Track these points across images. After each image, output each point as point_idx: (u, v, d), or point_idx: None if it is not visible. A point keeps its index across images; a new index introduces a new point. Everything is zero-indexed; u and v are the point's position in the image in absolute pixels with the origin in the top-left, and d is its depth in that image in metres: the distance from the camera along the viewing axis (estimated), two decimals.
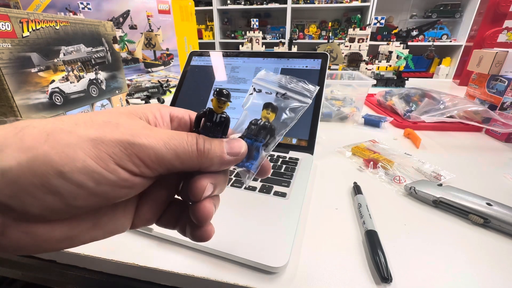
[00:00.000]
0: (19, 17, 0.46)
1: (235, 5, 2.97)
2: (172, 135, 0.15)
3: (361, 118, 0.67)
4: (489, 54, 0.61)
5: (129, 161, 0.14)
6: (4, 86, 0.46)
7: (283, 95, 0.19)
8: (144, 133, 0.15)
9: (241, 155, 0.17)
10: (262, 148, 0.18)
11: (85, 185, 0.13)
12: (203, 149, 0.16)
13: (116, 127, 0.14)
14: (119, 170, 0.14)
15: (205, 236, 0.18)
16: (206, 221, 0.17)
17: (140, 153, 0.14)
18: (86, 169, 0.13)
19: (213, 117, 0.17)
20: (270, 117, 0.18)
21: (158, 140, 0.15)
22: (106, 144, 0.13)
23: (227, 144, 0.17)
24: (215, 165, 0.17)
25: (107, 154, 0.13)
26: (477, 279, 0.25)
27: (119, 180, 0.14)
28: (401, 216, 0.33)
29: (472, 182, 0.40)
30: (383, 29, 2.53)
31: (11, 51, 0.45)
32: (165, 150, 0.15)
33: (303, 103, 0.19)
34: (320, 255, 0.27)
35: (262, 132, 0.18)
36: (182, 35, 1.07)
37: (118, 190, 0.14)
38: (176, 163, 0.15)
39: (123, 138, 0.14)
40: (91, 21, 0.63)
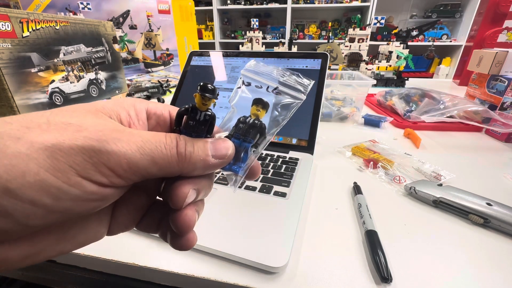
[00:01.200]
0: (19, 17, 0.46)
1: (235, 5, 2.97)
2: (148, 137, 0.13)
3: (361, 118, 0.67)
4: (489, 54, 0.61)
5: (95, 172, 0.12)
6: (4, 86, 0.46)
7: (275, 90, 0.17)
8: (113, 136, 0.12)
9: (228, 157, 0.15)
10: (251, 149, 0.16)
11: (40, 203, 0.11)
12: (184, 152, 0.14)
13: (78, 131, 0.12)
14: (83, 183, 0.11)
15: (185, 245, 0.16)
16: (187, 231, 0.15)
17: (109, 162, 0.12)
18: (40, 183, 0.10)
19: (196, 114, 0.15)
20: (260, 114, 0.17)
21: (130, 145, 0.12)
22: (66, 152, 0.11)
23: (212, 145, 0.15)
24: (199, 170, 0.15)
25: (67, 164, 0.11)
26: (477, 279, 0.25)
27: (84, 194, 0.12)
28: (401, 216, 0.33)
29: (472, 182, 0.40)
30: (383, 29, 2.53)
31: (11, 51, 0.45)
32: (139, 156, 0.12)
33: (297, 99, 0.17)
34: (320, 255, 0.27)
35: (251, 131, 0.16)
36: (182, 35, 1.07)
37: (85, 204, 0.12)
38: (153, 170, 0.13)
39: (86, 145, 0.11)
40: (91, 21, 0.63)
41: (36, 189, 0.10)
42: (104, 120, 0.14)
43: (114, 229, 0.16)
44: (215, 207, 0.31)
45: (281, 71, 0.18)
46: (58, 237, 0.13)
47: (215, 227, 0.28)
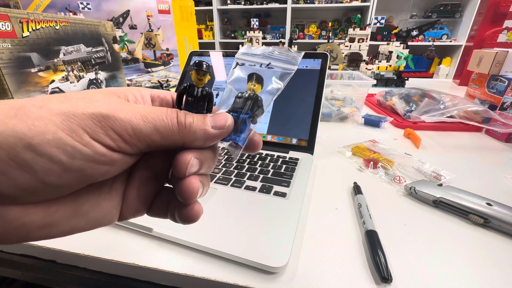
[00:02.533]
0: (19, 17, 0.46)
1: (235, 5, 2.97)
2: (151, 109, 0.15)
3: (361, 118, 0.67)
4: (489, 54, 0.61)
5: (104, 135, 0.13)
6: (4, 86, 0.46)
7: (268, 66, 0.18)
8: (120, 107, 0.14)
9: (227, 128, 0.16)
10: (249, 120, 0.18)
11: (57, 159, 0.12)
12: (184, 122, 0.15)
13: (90, 102, 0.13)
14: (94, 144, 0.13)
15: (191, 215, 0.17)
16: (191, 198, 0.16)
17: (116, 127, 0.13)
18: (57, 141, 0.12)
19: (194, 90, 0.16)
20: (256, 88, 0.18)
21: (135, 114, 0.14)
22: (79, 117, 0.13)
23: (212, 117, 0.16)
24: (200, 140, 0.16)
25: (80, 126, 0.13)
26: (477, 279, 0.25)
27: (95, 155, 0.13)
28: (401, 216, 0.33)
29: (472, 182, 0.40)
30: (383, 29, 2.53)
31: (11, 51, 0.45)
32: (143, 123, 0.14)
33: (289, 70, 0.18)
34: (320, 255, 0.27)
35: (248, 103, 0.17)
36: (182, 35, 1.07)
37: (96, 167, 0.13)
38: (156, 137, 0.14)
39: (96, 111, 0.13)
40: (91, 21, 0.63)
41: (54, 146, 0.12)
42: (113, 97, 0.15)
43: (125, 213, 0.17)
44: (215, 207, 0.31)
45: (272, 49, 0.19)
46: (72, 211, 0.14)
47: (215, 227, 0.28)
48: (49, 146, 0.12)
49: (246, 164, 0.41)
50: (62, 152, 0.12)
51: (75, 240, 0.29)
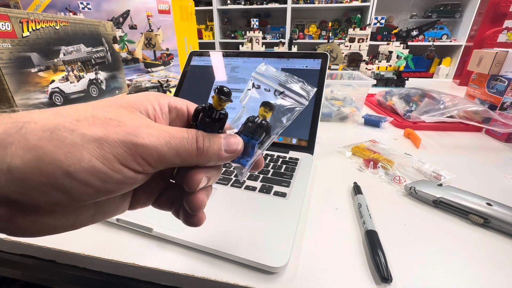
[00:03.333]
0: (19, 17, 0.46)
1: (235, 5, 2.97)
2: (173, 133, 0.16)
3: (361, 118, 0.67)
4: (489, 54, 0.61)
5: (133, 161, 0.14)
6: (4, 86, 0.46)
7: (282, 94, 0.19)
8: (146, 132, 0.15)
9: (238, 152, 0.18)
10: (257, 146, 0.19)
11: (92, 184, 0.13)
12: (203, 147, 0.17)
13: (119, 126, 0.14)
14: (124, 170, 0.14)
15: (197, 222, 0.19)
16: (199, 210, 0.18)
17: (143, 154, 0.15)
18: (92, 169, 0.13)
19: (212, 113, 0.17)
20: (267, 115, 0.19)
21: (160, 140, 0.15)
22: (111, 144, 0.14)
23: (225, 140, 0.18)
24: (213, 161, 0.18)
25: (112, 154, 0.14)
26: (477, 279, 0.25)
27: (124, 179, 0.14)
28: (401, 216, 0.33)
29: (472, 182, 0.40)
30: (383, 29, 2.53)
31: (11, 51, 0.45)
32: (167, 149, 0.15)
33: (300, 104, 0.19)
34: (320, 255, 0.27)
35: (258, 130, 0.19)
36: (182, 35, 1.07)
37: (123, 187, 0.15)
38: (176, 160, 0.16)
39: (127, 139, 0.14)
40: (91, 21, 0.63)
41: (89, 173, 0.13)
42: (137, 116, 0.16)
43: (134, 205, 0.19)
44: (215, 207, 0.31)
45: (289, 76, 0.20)
46: (94, 211, 0.16)
47: (215, 227, 0.28)
48: (85, 173, 0.13)
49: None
50: (96, 178, 0.13)
51: (75, 240, 0.29)
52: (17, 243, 0.29)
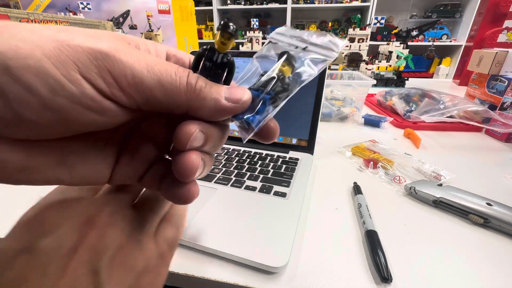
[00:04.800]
0: (19, 17, 0.46)
1: (235, 5, 2.97)
2: (160, 61, 0.13)
3: (361, 118, 0.67)
4: (489, 54, 0.61)
5: (97, 75, 0.11)
6: None
7: (304, 49, 0.16)
8: (125, 49, 0.12)
9: (242, 103, 0.14)
10: (269, 102, 0.15)
11: (36, 90, 0.10)
12: (195, 84, 0.13)
13: (92, 37, 0.12)
14: (83, 82, 0.11)
15: (185, 195, 0.15)
16: (189, 175, 0.14)
17: (114, 69, 0.11)
18: (39, 69, 0.10)
19: (214, 55, 0.14)
20: (285, 70, 0.15)
21: (140, 61, 0.12)
22: (73, 48, 0.11)
23: (227, 88, 0.14)
24: (208, 109, 0.14)
25: (71, 59, 0.11)
26: (477, 279, 0.25)
27: (82, 96, 0.11)
28: (401, 216, 0.33)
29: (472, 182, 0.40)
30: (383, 29, 2.52)
31: None
32: (146, 73, 0.12)
33: (326, 56, 0.16)
34: (320, 255, 0.27)
35: (272, 82, 0.15)
36: (182, 35, 1.07)
37: (81, 111, 0.11)
38: (158, 92, 0.12)
39: (95, 46, 0.11)
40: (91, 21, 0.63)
41: (34, 73, 0.10)
42: (122, 42, 0.13)
43: (116, 176, 0.15)
44: (215, 207, 0.31)
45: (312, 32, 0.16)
46: (57, 159, 0.13)
47: (215, 227, 0.28)
48: (28, 73, 0.10)
49: (246, 164, 0.41)
50: (42, 84, 0.10)
51: None
52: None
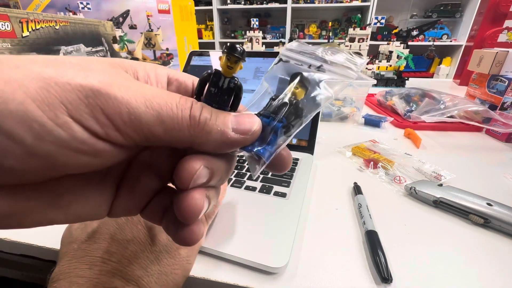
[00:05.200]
0: (19, 17, 0.46)
1: (235, 5, 2.97)
2: (160, 92, 0.11)
3: (361, 118, 0.67)
4: (490, 54, 0.61)
5: (89, 116, 0.10)
6: None
7: (318, 68, 0.14)
8: (119, 82, 0.11)
9: (252, 134, 0.13)
10: (281, 131, 0.14)
11: (18, 137, 0.09)
12: (199, 117, 0.12)
13: (84, 70, 0.10)
14: (72, 125, 0.10)
15: (188, 237, 0.14)
16: (192, 218, 0.13)
17: (107, 107, 0.10)
18: (22, 114, 0.09)
19: (219, 80, 0.13)
20: (298, 93, 0.14)
21: (136, 95, 0.11)
22: (60, 86, 0.09)
23: (234, 118, 0.13)
24: (214, 143, 0.12)
25: (59, 99, 0.09)
26: (477, 279, 0.25)
27: (72, 140, 0.10)
28: (402, 216, 0.33)
29: (473, 182, 0.40)
30: (383, 29, 2.52)
31: (11, 51, 0.45)
32: (144, 109, 0.11)
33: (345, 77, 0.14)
34: (320, 255, 0.27)
35: (284, 109, 0.14)
36: (182, 35, 1.07)
37: (72, 156, 0.10)
38: (157, 130, 0.11)
39: (85, 83, 0.10)
40: (91, 21, 0.63)
41: (16, 120, 0.09)
42: (117, 70, 0.12)
43: (116, 210, 0.14)
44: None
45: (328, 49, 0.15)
46: (49, 201, 0.12)
47: (214, 227, 0.28)
48: (9, 120, 0.09)
49: (246, 164, 0.41)
50: (25, 130, 0.09)
51: None
52: (17, 243, 0.29)
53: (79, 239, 0.21)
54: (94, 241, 0.21)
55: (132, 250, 0.21)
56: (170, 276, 0.22)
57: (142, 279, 0.20)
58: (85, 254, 0.20)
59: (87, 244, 0.21)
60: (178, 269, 0.23)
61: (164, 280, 0.21)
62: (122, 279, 0.19)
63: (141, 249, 0.21)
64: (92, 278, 0.18)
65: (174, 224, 0.14)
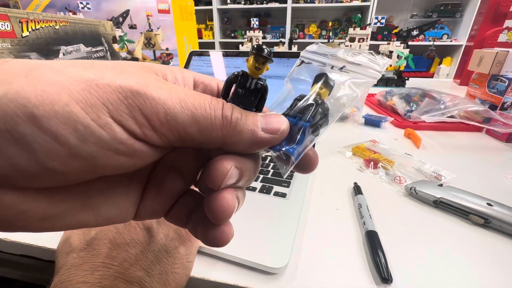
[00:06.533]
0: (18, 17, 0.46)
1: (235, 5, 2.96)
2: (192, 93, 0.12)
3: (361, 118, 0.67)
4: (490, 54, 0.61)
5: (128, 116, 0.10)
6: None
7: (341, 69, 0.15)
8: (155, 84, 0.11)
9: (281, 133, 0.13)
10: (308, 130, 0.14)
11: (63, 139, 0.09)
12: (230, 116, 0.12)
13: (121, 72, 0.11)
14: (113, 126, 0.10)
15: (219, 238, 0.14)
16: (224, 218, 0.13)
17: (145, 108, 0.10)
18: (67, 115, 0.09)
19: (247, 81, 0.13)
20: (322, 93, 0.14)
21: (172, 95, 0.11)
22: (101, 88, 0.10)
23: (263, 118, 0.13)
24: (245, 143, 0.13)
25: (101, 100, 0.10)
26: (477, 279, 0.25)
27: (112, 140, 0.10)
28: (402, 217, 0.33)
29: (473, 182, 0.40)
30: (384, 28, 2.52)
31: (11, 51, 0.45)
32: (180, 109, 0.11)
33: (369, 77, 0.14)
34: (320, 255, 0.27)
35: (311, 109, 0.14)
36: (182, 34, 1.07)
37: (110, 157, 0.10)
38: (192, 129, 0.11)
39: (125, 84, 0.10)
40: (90, 21, 0.63)
41: (62, 121, 0.09)
42: (150, 73, 0.12)
43: (141, 213, 0.14)
44: None
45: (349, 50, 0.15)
46: (81, 203, 0.12)
47: None
48: (55, 121, 0.09)
49: None
50: (71, 131, 0.09)
51: None
52: (17, 244, 0.29)
53: (78, 248, 0.22)
54: (93, 248, 0.21)
55: (132, 253, 0.21)
56: (171, 275, 0.22)
57: (144, 280, 0.20)
58: (85, 262, 0.20)
59: (86, 252, 0.21)
60: (179, 268, 0.23)
61: (165, 280, 0.21)
62: (125, 282, 0.19)
63: (141, 250, 0.22)
64: (95, 283, 0.19)
65: (202, 225, 0.14)
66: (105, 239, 0.22)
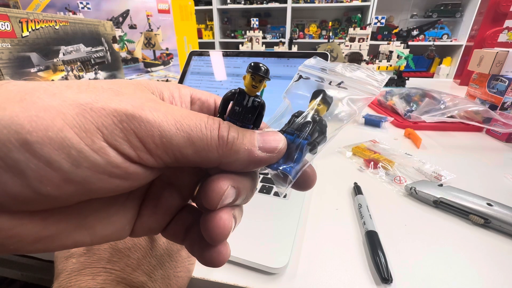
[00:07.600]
0: (18, 17, 0.46)
1: (235, 5, 2.96)
2: (188, 114, 0.12)
3: (361, 118, 0.67)
4: (490, 54, 0.61)
5: (123, 140, 0.10)
6: None
7: (339, 84, 0.14)
8: (149, 105, 0.11)
9: (278, 152, 0.13)
10: (306, 148, 0.14)
11: (57, 164, 0.09)
12: (227, 137, 0.12)
13: (116, 95, 0.11)
14: (108, 150, 0.10)
15: (215, 259, 0.14)
16: (220, 239, 0.13)
17: (140, 131, 0.10)
18: (61, 141, 0.09)
19: (244, 99, 0.13)
20: (320, 109, 0.14)
21: (167, 117, 0.11)
22: (96, 112, 0.10)
23: (260, 136, 0.13)
24: (241, 162, 0.13)
25: (95, 125, 0.10)
26: (477, 279, 0.25)
27: (107, 165, 0.10)
28: (402, 217, 0.33)
29: (473, 182, 0.40)
30: (384, 28, 2.52)
31: (11, 51, 0.45)
32: (175, 131, 0.11)
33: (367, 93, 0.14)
34: (320, 255, 0.27)
35: (308, 126, 0.14)
36: (182, 34, 1.07)
37: (105, 180, 0.10)
38: (188, 151, 0.11)
39: (121, 108, 0.10)
40: (90, 21, 0.63)
41: (55, 147, 0.09)
42: (146, 93, 0.12)
43: (138, 230, 0.14)
44: None
45: (347, 65, 0.15)
46: (75, 224, 0.12)
47: None
48: (49, 147, 0.09)
49: None
50: (64, 156, 0.09)
51: None
52: None
53: (77, 253, 0.21)
54: (93, 252, 0.21)
55: (134, 258, 0.21)
56: (173, 279, 0.22)
57: (146, 285, 0.20)
58: (85, 267, 0.20)
59: (86, 257, 0.21)
60: (181, 271, 0.23)
61: (168, 284, 0.21)
62: (127, 287, 0.19)
63: (143, 255, 0.21)
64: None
65: (199, 244, 0.14)
66: (105, 244, 0.21)
